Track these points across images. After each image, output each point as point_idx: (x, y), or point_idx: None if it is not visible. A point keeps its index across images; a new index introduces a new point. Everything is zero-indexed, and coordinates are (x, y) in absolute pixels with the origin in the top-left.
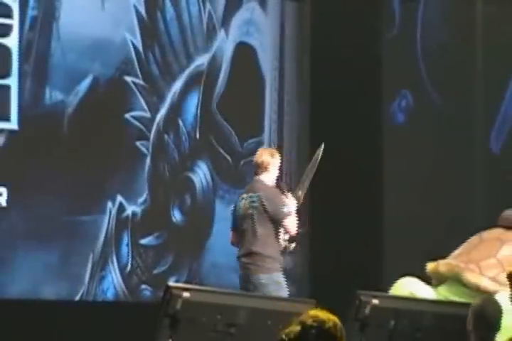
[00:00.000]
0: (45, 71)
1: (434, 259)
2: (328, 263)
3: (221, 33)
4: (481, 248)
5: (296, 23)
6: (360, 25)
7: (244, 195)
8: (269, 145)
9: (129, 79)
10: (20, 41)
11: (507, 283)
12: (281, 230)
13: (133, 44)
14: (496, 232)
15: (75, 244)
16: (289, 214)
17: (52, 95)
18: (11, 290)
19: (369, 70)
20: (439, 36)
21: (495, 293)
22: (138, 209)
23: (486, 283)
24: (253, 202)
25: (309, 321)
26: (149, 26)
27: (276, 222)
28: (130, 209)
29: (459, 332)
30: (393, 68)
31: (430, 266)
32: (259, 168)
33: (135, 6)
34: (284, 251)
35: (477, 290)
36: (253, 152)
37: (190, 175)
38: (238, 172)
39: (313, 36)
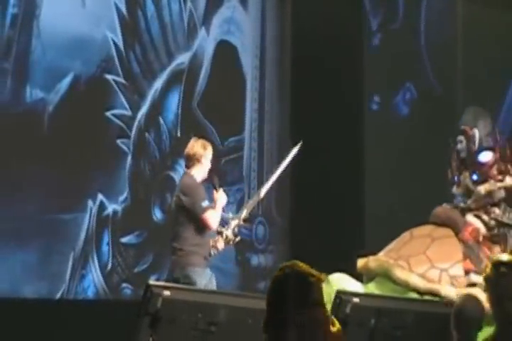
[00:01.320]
0: (26, 69)
1: (365, 255)
2: (308, 261)
3: (202, 32)
4: (412, 244)
5: (277, 21)
6: (341, 25)
7: None
8: (250, 144)
9: (109, 77)
10: (0, 39)
11: (436, 279)
12: (233, 223)
13: (114, 42)
14: (427, 229)
15: (55, 242)
16: (207, 208)
17: (33, 93)
18: None
19: (351, 70)
20: (443, 28)
21: (424, 289)
22: (119, 208)
23: (414, 280)
24: (175, 196)
25: (287, 266)
26: (130, 24)
27: (194, 216)
28: (111, 208)
29: (439, 330)
30: (396, 60)
31: (360, 263)
32: (191, 160)
33: (116, 4)
34: (227, 244)
35: (406, 286)
36: (234, 150)
37: (171, 173)
38: (219, 171)
39: (294, 35)
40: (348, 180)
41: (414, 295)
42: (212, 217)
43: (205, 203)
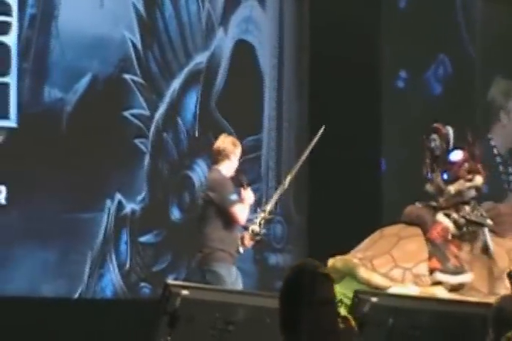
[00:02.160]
0: (44, 69)
1: (334, 255)
2: (327, 260)
3: (220, 31)
4: (380, 243)
5: (295, 20)
6: (359, 24)
7: None
8: (268, 143)
9: (127, 77)
10: (19, 39)
11: (399, 278)
12: (259, 217)
13: (132, 42)
14: (397, 228)
15: (74, 241)
16: (235, 202)
17: (51, 93)
18: (11, 288)
19: (366, 69)
20: None
21: (386, 288)
22: (137, 207)
23: (376, 279)
24: (202, 192)
25: (296, 266)
26: (148, 24)
27: (223, 211)
28: (129, 207)
29: (457, 330)
30: (426, 28)
31: (330, 262)
32: (220, 155)
33: (134, 4)
34: (254, 240)
35: (368, 285)
36: (253, 150)
37: (189, 173)
38: (237, 170)
39: (312, 34)
40: (367, 178)
41: None
42: (242, 211)
43: (234, 197)
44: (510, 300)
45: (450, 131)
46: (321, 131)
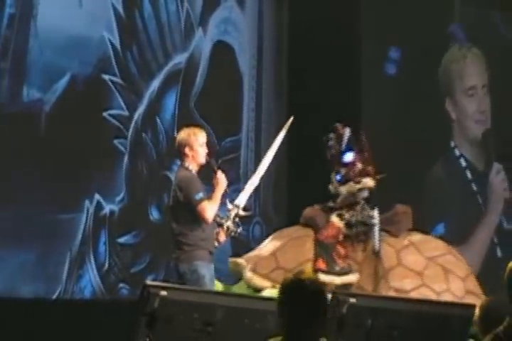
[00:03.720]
0: (23, 69)
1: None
2: None
3: (199, 32)
4: (271, 244)
5: (275, 21)
6: (338, 25)
7: None
8: (247, 144)
9: (106, 77)
10: None
11: (280, 280)
12: (232, 213)
13: (111, 42)
14: (292, 230)
15: (52, 242)
16: (201, 201)
17: (30, 93)
18: None
19: (348, 70)
20: None
21: (262, 289)
22: (115, 208)
23: (256, 280)
24: (173, 191)
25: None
26: (127, 24)
27: (191, 210)
28: (108, 208)
29: (435, 330)
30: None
31: (229, 264)
32: (180, 152)
33: (113, 4)
34: (228, 236)
35: (250, 286)
36: (231, 150)
37: (168, 173)
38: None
39: (291, 35)
40: None
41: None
42: (207, 210)
43: (200, 195)
44: (495, 301)
45: (347, 132)
46: (290, 121)
